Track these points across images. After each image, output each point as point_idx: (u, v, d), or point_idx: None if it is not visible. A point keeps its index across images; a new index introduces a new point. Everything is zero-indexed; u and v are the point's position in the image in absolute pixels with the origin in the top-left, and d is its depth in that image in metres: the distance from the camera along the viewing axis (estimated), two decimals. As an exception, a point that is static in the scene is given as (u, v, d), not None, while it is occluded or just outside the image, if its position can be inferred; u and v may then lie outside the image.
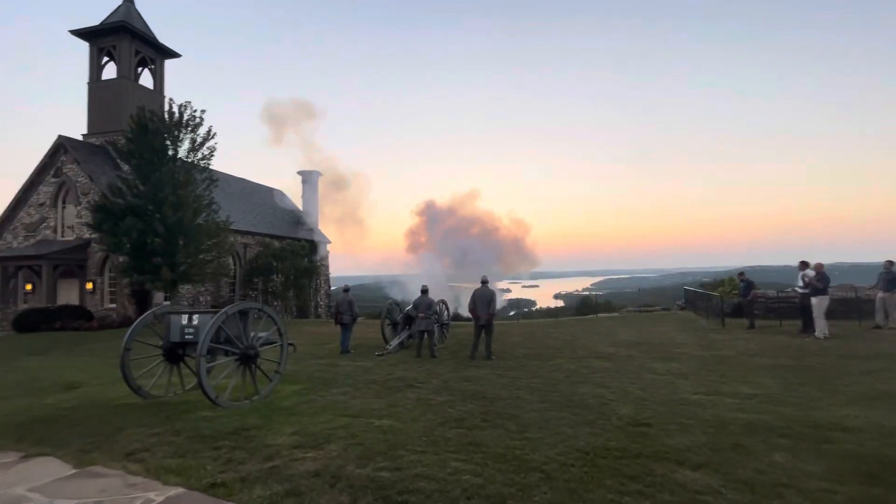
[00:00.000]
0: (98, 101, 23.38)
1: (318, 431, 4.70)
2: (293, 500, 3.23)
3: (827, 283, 10.93)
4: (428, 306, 10.33)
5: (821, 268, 11.07)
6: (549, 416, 5.20)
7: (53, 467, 4.04)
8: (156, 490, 3.48)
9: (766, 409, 5.36)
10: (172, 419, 5.31)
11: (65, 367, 10.07)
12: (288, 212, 32.42)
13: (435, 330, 10.58)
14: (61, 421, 5.45)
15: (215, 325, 5.72)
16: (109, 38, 23.34)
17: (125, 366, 6.18)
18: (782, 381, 6.80)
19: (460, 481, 3.46)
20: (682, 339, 11.38)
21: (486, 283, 10.09)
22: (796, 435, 4.42)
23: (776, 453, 3.98)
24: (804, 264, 11.62)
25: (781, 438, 4.34)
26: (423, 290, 10.75)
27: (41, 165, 22.18)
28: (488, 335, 9.61)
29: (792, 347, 9.60)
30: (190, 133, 19.02)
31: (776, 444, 4.21)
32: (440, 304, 11.94)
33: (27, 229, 22.36)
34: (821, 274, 10.91)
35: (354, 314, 11.24)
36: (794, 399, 5.80)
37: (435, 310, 10.77)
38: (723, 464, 3.76)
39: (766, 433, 4.49)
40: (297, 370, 8.41)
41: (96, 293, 21.25)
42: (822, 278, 10.84)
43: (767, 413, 5.17)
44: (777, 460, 3.84)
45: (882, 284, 11.34)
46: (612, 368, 8.04)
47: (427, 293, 10.64)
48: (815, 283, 10.76)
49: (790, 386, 6.48)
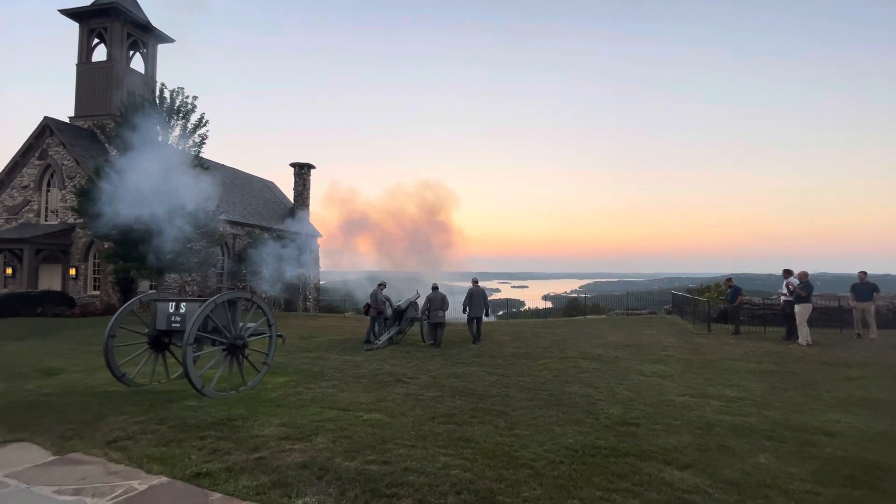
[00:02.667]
0: (87, 83, 22.85)
1: (306, 424, 4.65)
2: (280, 491, 3.19)
3: (810, 292, 11.11)
4: (441, 301, 11.08)
5: (805, 276, 11.25)
6: (537, 414, 5.21)
7: (32, 453, 3.94)
8: (139, 479, 3.41)
9: (752, 412, 5.43)
10: (156, 408, 5.22)
11: (45, 354, 9.85)
12: (279, 204, 32.11)
13: (445, 323, 11.37)
14: (41, 407, 5.32)
15: (203, 314, 5.62)
16: (100, 19, 22.83)
17: (109, 352, 6.06)
18: (767, 385, 6.90)
19: (449, 476, 3.44)
20: (669, 342, 11.50)
21: (477, 282, 11.46)
22: (781, 438, 4.49)
23: (761, 455, 4.03)
24: (788, 272, 11.80)
25: (766, 441, 4.40)
26: (434, 287, 11.46)
27: (25, 146, 21.62)
28: (479, 324, 11.56)
29: (776, 353, 9.76)
30: (181, 119, 18.69)
31: (761, 446, 4.27)
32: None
33: (9, 212, 21.81)
34: (805, 282, 11.08)
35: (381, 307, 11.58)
36: (778, 403, 5.88)
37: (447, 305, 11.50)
38: (709, 464, 3.80)
39: (751, 435, 4.55)
40: (284, 362, 8.33)
41: (79, 279, 20.83)
42: (807, 286, 11.02)
43: (752, 416, 5.24)
44: (762, 462, 3.89)
45: (856, 295, 11.61)
46: (600, 369, 8.09)
47: (438, 289, 11.31)
48: (799, 290, 10.94)
49: (774, 390, 6.58)
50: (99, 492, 3.20)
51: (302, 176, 33.26)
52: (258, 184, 32.66)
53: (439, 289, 11.37)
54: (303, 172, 33.30)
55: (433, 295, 11.17)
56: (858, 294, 11.56)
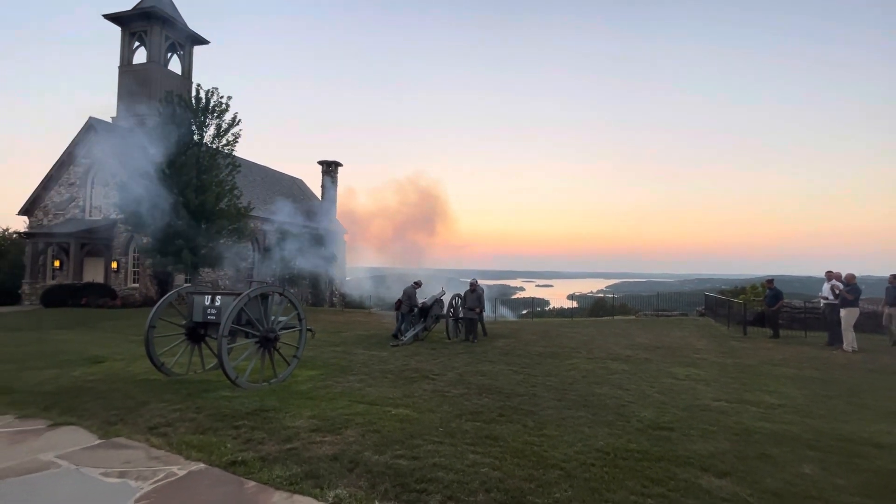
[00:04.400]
0: (128, 84, 23.88)
1: (336, 416, 4.72)
2: (312, 482, 3.24)
3: (858, 295, 10.54)
4: (478, 299, 11.47)
5: (852, 279, 10.68)
6: (566, 415, 5.13)
7: (80, 436, 4.14)
8: (178, 464, 3.53)
9: (793, 419, 5.20)
10: (193, 396, 5.41)
11: (90, 342, 10.36)
12: (308, 201, 32.74)
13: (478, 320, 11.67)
14: (87, 392, 5.59)
15: (238, 307, 5.79)
16: (141, 23, 23.81)
17: (150, 342, 6.31)
18: (809, 392, 6.59)
19: (479, 473, 3.43)
20: (702, 345, 11.13)
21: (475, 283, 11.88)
22: (826, 448, 4.27)
23: (805, 465, 3.85)
24: (832, 274, 11.23)
25: (810, 450, 4.20)
26: (473, 283, 11.78)
27: (72, 146, 22.79)
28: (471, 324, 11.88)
29: (818, 359, 9.31)
30: (216, 119, 19.28)
31: (804, 455, 4.08)
32: (456, 298, 12.06)
33: (57, 207, 23.04)
34: (852, 285, 10.53)
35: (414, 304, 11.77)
36: (821, 411, 5.61)
37: (482, 303, 11.89)
38: (749, 472, 3.65)
39: (793, 444, 4.35)
40: (313, 356, 8.49)
41: (120, 273, 21.82)
42: (854, 290, 10.46)
43: (794, 424, 5.01)
44: (806, 472, 3.71)
45: (889, 299, 10.96)
46: (630, 371, 7.90)
47: (476, 286, 11.69)
48: (845, 294, 10.40)
49: (817, 398, 6.28)
50: (142, 475, 3.34)
51: (329, 173, 33.81)
52: (287, 181, 33.38)
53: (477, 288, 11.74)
54: (330, 170, 33.85)
55: (467, 293, 11.65)
56: (890, 297, 10.96)
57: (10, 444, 3.93)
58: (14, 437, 4.10)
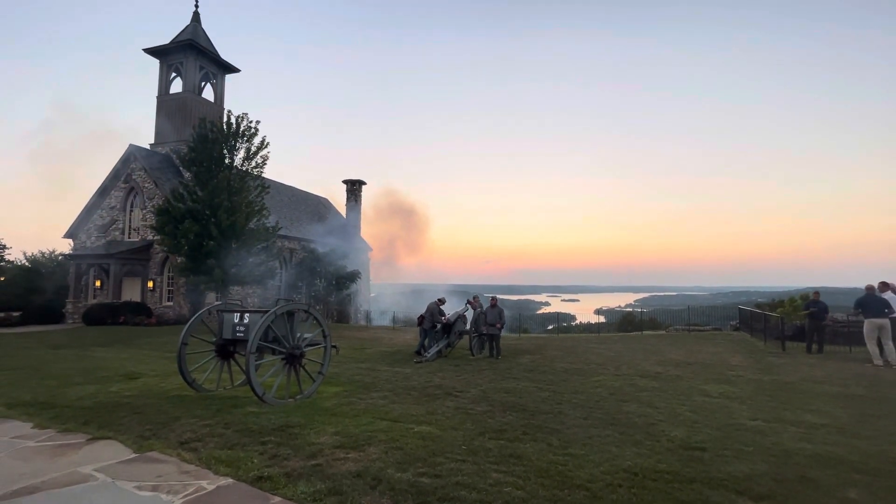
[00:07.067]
0: (165, 112, 25.27)
1: (359, 433, 4.75)
2: (336, 498, 3.27)
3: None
4: (499, 315, 11.42)
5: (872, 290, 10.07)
6: (592, 434, 5.00)
7: (116, 450, 4.30)
8: (207, 479, 3.62)
9: (837, 440, 4.91)
10: (222, 412, 5.54)
11: (126, 359, 10.79)
12: (333, 219, 33.48)
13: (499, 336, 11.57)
14: (123, 408, 5.82)
15: (265, 324, 5.94)
16: (178, 55, 25.25)
17: (181, 359, 6.53)
18: (855, 411, 6.21)
19: (502, 493, 3.37)
20: (737, 361, 10.67)
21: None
22: (874, 471, 4.01)
23: (851, 489, 3.62)
24: (885, 285, 10.56)
25: (856, 473, 3.95)
26: (493, 301, 11.72)
27: (114, 172, 24.14)
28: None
29: (864, 376, 8.78)
30: (245, 143, 20.12)
31: (850, 479, 3.84)
32: (477, 313, 12.01)
33: (99, 230, 24.31)
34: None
35: (437, 321, 11.78)
36: (868, 432, 5.27)
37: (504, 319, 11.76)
38: (789, 496, 3.46)
39: (837, 467, 4.10)
40: (338, 372, 8.58)
41: (156, 291, 22.72)
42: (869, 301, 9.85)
43: (838, 445, 4.73)
44: (852, 497, 3.49)
45: None
46: (660, 388, 7.64)
47: (497, 304, 11.62)
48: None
49: (864, 418, 5.91)
50: (173, 489, 3.43)
51: (354, 192, 34.54)
52: (313, 200, 34.26)
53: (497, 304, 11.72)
54: (355, 188, 34.59)
55: (488, 309, 11.56)
56: None
57: (52, 458, 4.12)
58: (56, 451, 4.29)
